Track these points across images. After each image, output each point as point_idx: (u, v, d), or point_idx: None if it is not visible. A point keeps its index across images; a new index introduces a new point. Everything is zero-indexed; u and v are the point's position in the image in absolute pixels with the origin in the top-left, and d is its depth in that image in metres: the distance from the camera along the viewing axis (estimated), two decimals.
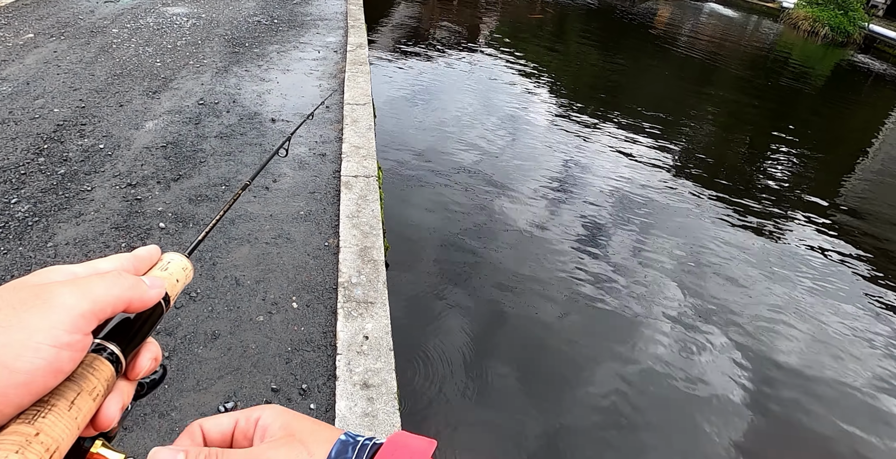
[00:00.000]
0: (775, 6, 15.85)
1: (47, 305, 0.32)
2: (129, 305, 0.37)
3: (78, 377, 0.34)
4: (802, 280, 4.29)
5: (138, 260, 0.43)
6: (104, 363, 0.36)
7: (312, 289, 2.63)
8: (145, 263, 0.43)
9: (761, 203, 5.47)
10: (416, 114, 6.30)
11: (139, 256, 0.43)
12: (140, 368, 0.39)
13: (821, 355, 3.56)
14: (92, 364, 0.35)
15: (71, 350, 0.32)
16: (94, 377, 0.35)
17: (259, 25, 6.56)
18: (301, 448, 0.37)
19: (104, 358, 0.36)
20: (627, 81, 9.22)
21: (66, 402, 0.32)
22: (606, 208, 4.88)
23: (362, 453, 0.37)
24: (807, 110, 9.23)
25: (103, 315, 0.35)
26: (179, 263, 0.45)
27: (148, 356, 0.40)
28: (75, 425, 0.32)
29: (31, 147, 3.55)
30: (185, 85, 4.73)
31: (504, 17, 12.70)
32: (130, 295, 0.37)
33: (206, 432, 0.40)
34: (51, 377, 0.32)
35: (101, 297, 0.35)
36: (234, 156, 3.70)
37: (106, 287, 0.36)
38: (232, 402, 2.06)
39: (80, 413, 0.33)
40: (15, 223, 2.85)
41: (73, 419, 0.32)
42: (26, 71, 4.65)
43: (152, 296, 0.39)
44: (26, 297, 0.32)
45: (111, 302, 0.35)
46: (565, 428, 2.81)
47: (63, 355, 0.32)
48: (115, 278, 0.37)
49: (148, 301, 0.39)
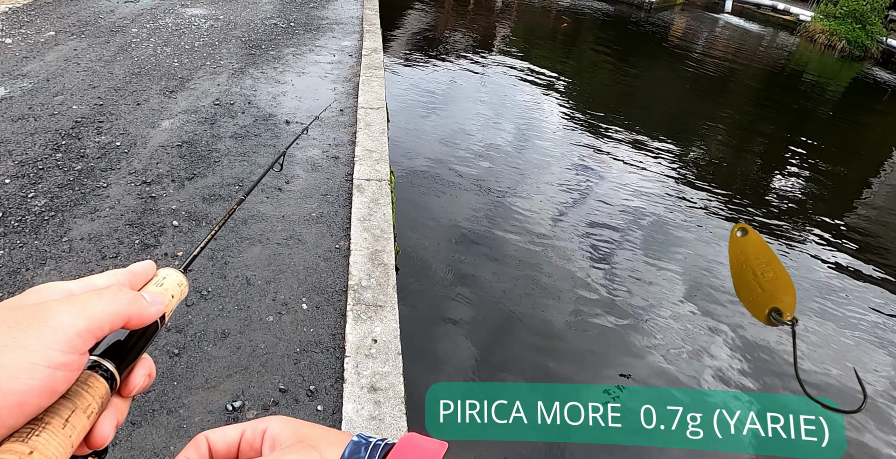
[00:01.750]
0: (792, 19, 15.78)
1: (43, 324, 0.32)
2: (128, 321, 0.37)
3: (73, 395, 0.33)
4: (813, 298, 4.23)
5: (134, 276, 0.42)
6: (99, 381, 0.35)
7: (322, 291, 2.64)
8: (140, 278, 0.43)
9: (773, 216, 5.42)
10: (429, 119, 6.32)
11: (134, 271, 0.42)
12: (134, 385, 0.39)
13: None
14: (87, 381, 0.35)
15: (66, 371, 0.32)
16: (88, 395, 0.34)
17: (276, 28, 6.63)
18: (313, 452, 0.37)
19: (99, 375, 0.36)
20: (641, 91, 9.20)
21: (60, 420, 0.32)
22: (616, 220, 4.86)
23: (375, 452, 0.37)
24: (822, 124, 9.15)
25: (101, 333, 0.34)
26: (175, 278, 0.45)
27: (142, 372, 0.40)
28: (69, 443, 0.32)
29: (50, 143, 3.59)
30: (201, 85, 4.78)
31: (518, 25, 12.74)
32: (129, 312, 0.36)
33: (212, 443, 0.40)
34: (45, 397, 0.31)
35: (98, 315, 0.34)
36: (249, 156, 3.73)
37: (104, 304, 0.35)
38: (240, 401, 2.06)
39: (74, 431, 0.32)
40: (31, 217, 2.89)
41: (67, 437, 0.32)
42: (47, 68, 4.72)
43: (152, 312, 0.39)
44: (22, 316, 0.32)
45: (109, 319, 0.35)
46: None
47: (58, 375, 0.31)
48: (115, 294, 0.36)
49: (148, 318, 0.38)
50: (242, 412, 2.03)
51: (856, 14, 13.94)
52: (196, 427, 1.96)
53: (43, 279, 2.51)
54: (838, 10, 14.23)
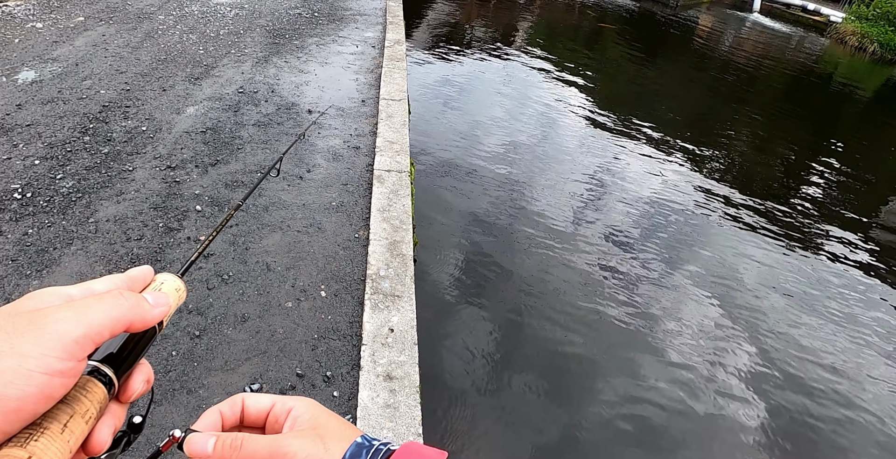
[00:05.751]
0: (822, 20, 15.40)
1: (41, 331, 0.31)
2: (129, 326, 0.36)
3: (71, 400, 0.33)
4: (834, 305, 4.16)
5: (132, 281, 0.42)
6: (97, 386, 0.35)
7: (341, 279, 2.66)
8: (139, 283, 0.43)
9: (796, 221, 5.33)
10: (450, 112, 6.31)
11: (133, 276, 0.42)
12: (133, 390, 0.39)
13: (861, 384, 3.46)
14: (85, 386, 0.34)
15: (63, 377, 0.32)
16: (87, 400, 0.34)
17: (300, 18, 6.65)
18: (320, 443, 0.38)
19: (98, 381, 0.35)
20: (664, 90, 9.07)
21: (58, 425, 0.32)
22: (636, 218, 4.82)
23: (376, 456, 0.38)
24: (850, 128, 8.95)
25: (100, 339, 0.34)
26: (173, 283, 0.45)
27: (140, 378, 0.40)
28: (67, 448, 0.32)
29: (78, 126, 3.66)
30: (226, 73, 4.82)
31: (541, 20, 12.63)
32: (131, 316, 0.36)
33: (246, 406, 0.42)
34: (41, 403, 0.31)
35: (97, 321, 0.34)
36: (271, 144, 3.76)
37: (104, 310, 0.35)
38: (258, 384, 2.09)
39: (72, 436, 0.32)
40: (59, 198, 2.95)
41: (65, 442, 0.32)
42: (75, 53, 4.80)
43: (155, 315, 0.39)
44: (20, 322, 0.32)
45: (109, 325, 0.34)
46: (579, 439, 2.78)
47: (55, 382, 0.31)
48: (115, 300, 0.36)
49: (151, 320, 0.38)
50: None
51: (889, 16, 13.57)
52: None
53: (69, 259, 2.56)
54: (871, 12, 13.87)
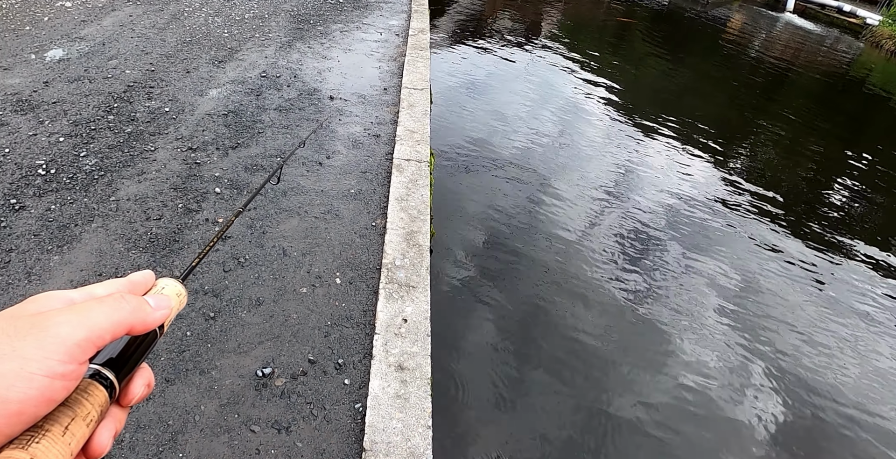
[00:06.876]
0: (858, 22, 14.94)
1: (42, 334, 0.32)
2: (131, 329, 0.37)
3: (72, 403, 0.34)
4: (854, 314, 4.05)
5: (133, 285, 0.42)
6: (99, 389, 0.35)
7: (356, 267, 2.65)
8: (140, 288, 0.43)
9: (821, 230, 5.20)
10: (472, 104, 6.25)
11: (134, 281, 0.43)
12: (134, 394, 0.39)
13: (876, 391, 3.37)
14: (87, 389, 0.35)
15: (64, 380, 0.32)
16: (88, 403, 0.34)
17: (325, 4, 6.62)
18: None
19: (99, 384, 0.36)
20: (691, 89, 8.89)
21: (60, 427, 0.32)
22: (656, 219, 4.73)
23: None
24: (882, 137, 8.69)
25: (101, 342, 0.34)
26: (174, 288, 0.45)
27: (141, 382, 0.40)
28: (68, 451, 0.32)
29: (103, 105, 3.69)
30: (249, 57, 4.82)
31: (567, 14, 12.44)
32: (132, 320, 0.37)
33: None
34: (43, 406, 0.31)
35: (99, 324, 0.34)
36: (291, 129, 3.75)
37: (106, 314, 0.35)
38: (270, 368, 2.09)
39: (73, 439, 0.33)
40: (82, 176, 2.97)
41: (66, 445, 0.32)
42: (103, 32, 4.83)
43: (157, 318, 0.39)
44: (22, 326, 0.32)
45: (110, 329, 0.35)
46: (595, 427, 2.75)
47: (56, 385, 0.31)
48: (116, 303, 0.36)
49: (152, 323, 0.39)
50: (272, 379, 2.06)
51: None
52: (227, 389, 2.00)
53: (90, 236, 2.58)
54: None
